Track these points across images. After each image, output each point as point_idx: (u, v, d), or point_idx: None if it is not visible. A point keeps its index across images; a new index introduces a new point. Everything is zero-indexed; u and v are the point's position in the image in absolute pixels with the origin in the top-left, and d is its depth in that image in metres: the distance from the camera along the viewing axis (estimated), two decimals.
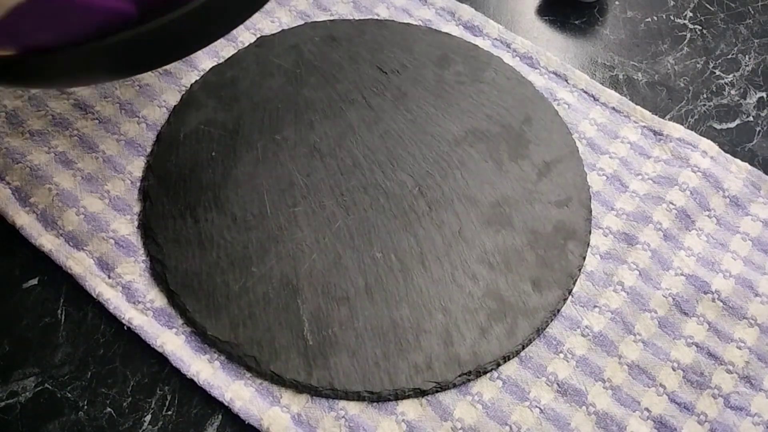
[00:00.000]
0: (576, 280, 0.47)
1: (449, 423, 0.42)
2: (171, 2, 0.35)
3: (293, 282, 0.46)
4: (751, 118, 0.57)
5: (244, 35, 0.59)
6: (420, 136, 0.53)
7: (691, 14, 0.63)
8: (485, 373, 0.44)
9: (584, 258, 0.48)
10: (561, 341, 0.45)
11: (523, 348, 0.45)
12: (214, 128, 0.53)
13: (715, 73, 0.59)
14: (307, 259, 0.47)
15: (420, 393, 0.43)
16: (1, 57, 0.35)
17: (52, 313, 0.46)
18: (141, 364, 0.44)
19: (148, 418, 0.42)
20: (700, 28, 0.62)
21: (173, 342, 0.44)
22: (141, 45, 0.34)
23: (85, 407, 0.43)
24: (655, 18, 0.63)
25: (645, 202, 0.51)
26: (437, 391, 0.43)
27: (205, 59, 0.57)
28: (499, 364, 0.44)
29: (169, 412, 0.43)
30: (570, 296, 0.47)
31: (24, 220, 0.48)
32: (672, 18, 0.63)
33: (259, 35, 0.59)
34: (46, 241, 0.48)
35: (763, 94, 0.58)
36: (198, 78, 0.56)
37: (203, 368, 0.43)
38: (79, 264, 0.47)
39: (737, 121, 0.57)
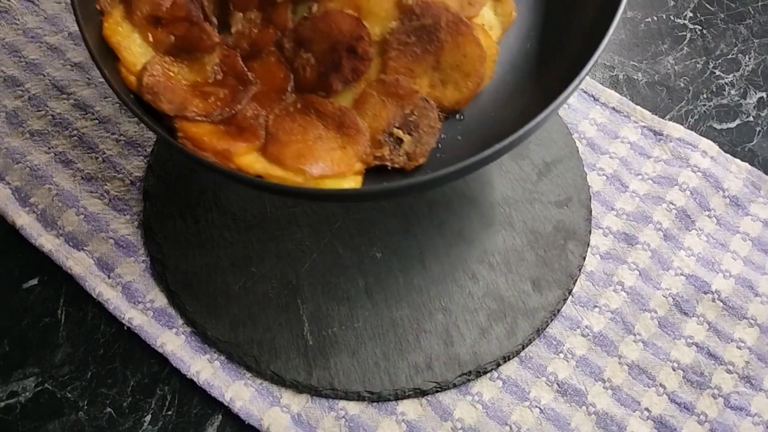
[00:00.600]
0: (576, 280, 0.47)
1: (449, 423, 0.42)
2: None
3: (293, 282, 0.46)
4: (751, 118, 0.57)
5: None
6: None
7: (691, 14, 0.63)
8: (485, 373, 0.44)
9: (584, 258, 0.48)
10: (561, 341, 0.45)
11: (523, 348, 0.45)
12: None
13: (715, 73, 0.59)
14: (307, 259, 0.47)
15: (420, 393, 0.43)
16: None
17: (52, 313, 0.46)
18: (141, 364, 0.44)
19: (148, 418, 0.42)
20: (700, 28, 0.62)
21: (173, 342, 0.44)
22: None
23: (85, 407, 0.43)
24: (655, 18, 0.63)
25: (645, 202, 0.51)
26: (437, 391, 0.43)
27: None
28: (499, 364, 0.44)
29: (169, 412, 0.43)
30: (570, 296, 0.47)
31: (24, 220, 0.48)
32: (672, 18, 0.63)
33: None
34: (46, 241, 0.48)
35: (763, 94, 0.58)
36: None
37: (203, 368, 0.43)
38: (79, 264, 0.47)
39: (737, 121, 0.57)
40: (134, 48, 0.39)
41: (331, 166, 0.37)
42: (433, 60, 0.39)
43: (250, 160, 0.37)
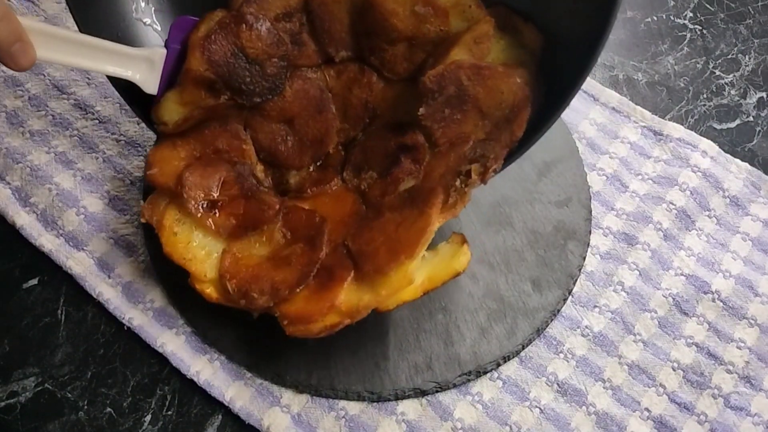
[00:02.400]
0: (576, 280, 0.47)
1: (449, 423, 0.42)
2: None
3: None
4: (751, 118, 0.57)
5: None
6: None
7: (691, 14, 0.63)
8: (485, 373, 0.44)
9: (584, 258, 0.48)
10: (561, 341, 0.45)
11: (523, 348, 0.45)
12: None
13: (715, 73, 0.59)
14: None
15: (420, 393, 0.43)
16: None
17: (52, 313, 0.46)
18: (141, 364, 0.44)
19: (148, 418, 0.42)
20: (700, 28, 0.62)
21: (173, 342, 0.44)
22: None
23: (85, 407, 0.43)
24: (655, 18, 0.63)
25: (645, 202, 0.51)
26: (437, 391, 0.43)
27: None
28: (499, 364, 0.44)
29: (169, 412, 0.43)
30: (570, 296, 0.47)
31: (24, 220, 0.48)
32: (672, 18, 0.63)
33: None
34: (46, 241, 0.48)
35: (763, 94, 0.58)
36: None
37: (203, 368, 0.43)
38: (79, 264, 0.47)
39: (737, 121, 0.57)
40: (199, 252, 0.40)
41: (422, 239, 0.38)
42: (477, 112, 0.39)
43: (354, 298, 0.37)
